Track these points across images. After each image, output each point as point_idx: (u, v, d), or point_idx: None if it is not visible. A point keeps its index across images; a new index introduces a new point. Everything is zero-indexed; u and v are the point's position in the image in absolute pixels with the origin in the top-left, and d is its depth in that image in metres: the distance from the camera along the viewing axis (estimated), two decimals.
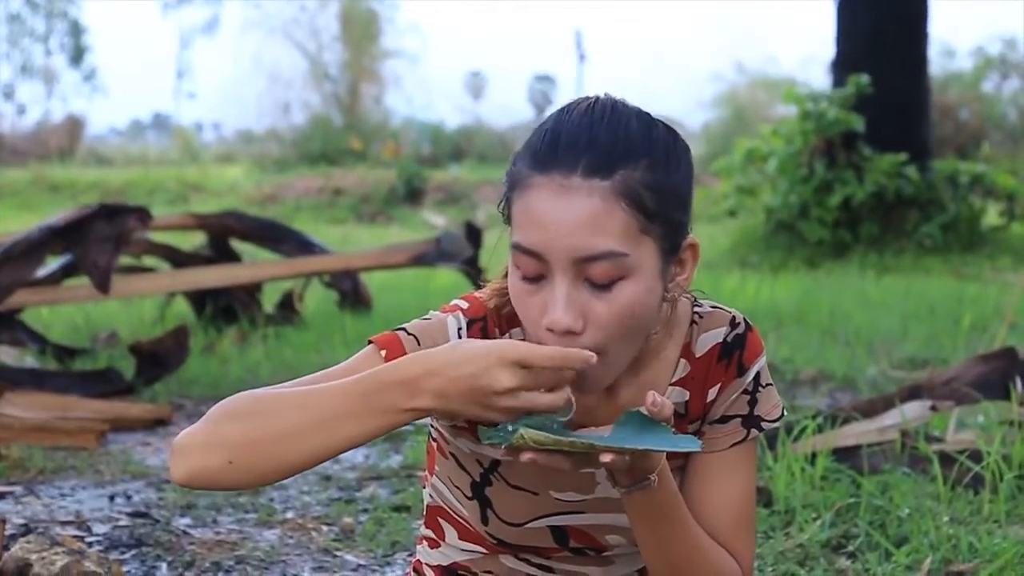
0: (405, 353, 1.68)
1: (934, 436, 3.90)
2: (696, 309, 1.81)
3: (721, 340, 1.79)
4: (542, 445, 1.51)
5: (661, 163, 1.63)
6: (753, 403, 1.80)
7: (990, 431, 3.99)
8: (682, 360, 1.79)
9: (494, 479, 1.80)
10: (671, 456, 1.74)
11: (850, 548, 3.12)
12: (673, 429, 1.58)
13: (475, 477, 1.82)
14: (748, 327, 1.81)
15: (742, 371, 1.79)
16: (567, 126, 1.63)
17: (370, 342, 1.74)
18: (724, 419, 1.79)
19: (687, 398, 1.79)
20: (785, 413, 1.85)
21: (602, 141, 1.60)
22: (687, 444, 1.56)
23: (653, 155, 1.62)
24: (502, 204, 1.69)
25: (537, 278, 1.62)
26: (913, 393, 3.98)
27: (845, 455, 3.71)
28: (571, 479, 1.77)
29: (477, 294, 1.82)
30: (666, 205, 1.62)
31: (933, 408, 3.81)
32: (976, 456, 3.54)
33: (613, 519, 1.80)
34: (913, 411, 3.81)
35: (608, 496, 1.75)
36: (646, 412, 1.57)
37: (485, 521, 1.83)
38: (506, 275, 1.76)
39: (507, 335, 1.76)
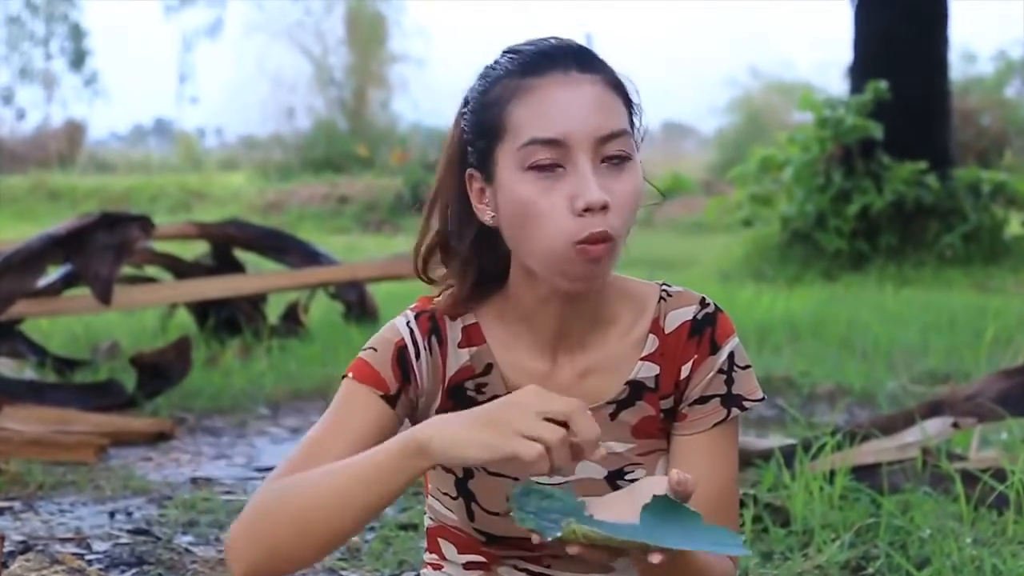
0: (372, 371, 1.79)
1: (956, 454, 3.85)
2: (664, 288, 1.87)
3: (691, 318, 1.84)
4: (592, 540, 1.52)
5: (622, 75, 1.78)
6: (730, 382, 1.84)
7: (1014, 449, 3.93)
8: (651, 335, 1.84)
9: (475, 469, 1.84)
10: (656, 437, 1.85)
11: (870, 570, 3.08)
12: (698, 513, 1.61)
13: (459, 473, 1.86)
14: (718, 309, 1.87)
15: (715, 349, 1.84)
16: (539, 43, 1.77)
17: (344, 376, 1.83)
18: (703, 399, 1.84)
19: (657, 372, 1.84)
20: (764, 398, 1.91)
21: (578, 49, 1.76)
22: (734, 549, 1.58)
23: (615, 69, 1.78)
24: (474, 143, 1.76)
25: (554, 173, 1.69)
26: (934, 409, 3.95)
27: (864, 473, 3.67)
28: None
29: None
30: (637, 106, 1.78)
31: (955, 425, 3.78)
32: (1000, 475, 3.49)
33: None
34: (934, 428, 3.78)
35: (590, 477, 1.81)
36: (671, 495, 1.58)
37: (471, 516, 1.86)
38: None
39: (457, 320, 1.84)
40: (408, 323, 1.83)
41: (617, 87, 1.74)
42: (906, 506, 3.47)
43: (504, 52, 1.79)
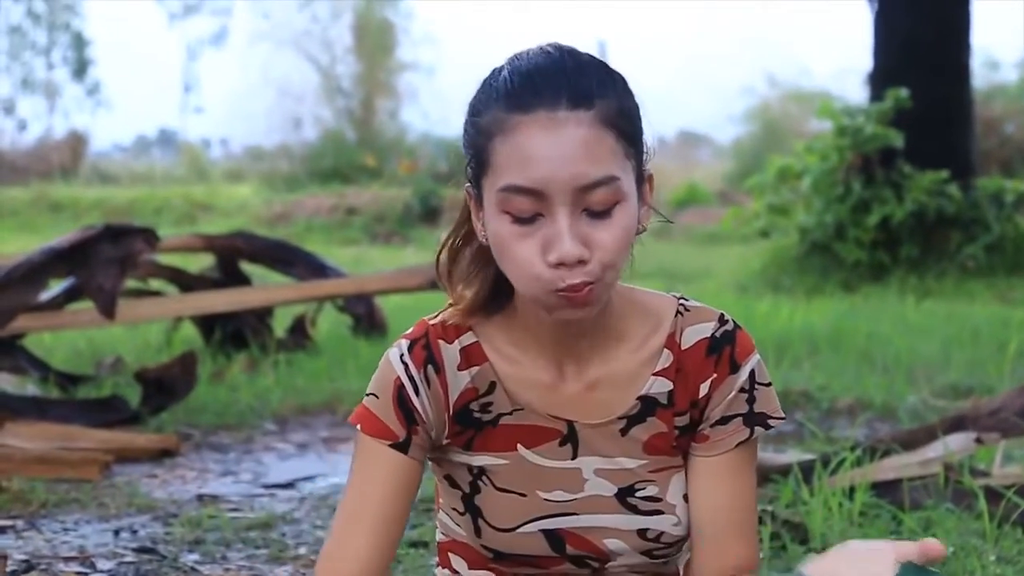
0: (378, 421, 1.78)
1: (979, 470, 3.79)
2: (682, 302, 1.85)
3: (709, 335, 1.82)
4: None
5: (623, 91, 1.71)
6: (752, 400, 1.83)
7: None
8: (665, 350, 1.82)
9: (482, 484, 1.84)
10: (669, 454, 1.82)
11: None
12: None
13: (465, 489, 1.85)
14: (737, 326, 1.84)
15: (735, 368, 1.82)
16: (533, 66, 1.69)
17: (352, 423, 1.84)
18: (724, 420, 1.82)
19: (670, 388, 1.82)
20: (785, 416, 1.89)
21: (573, 75, 1.67)
22: None
23: (616, 85, 1.70)
24: (469, 161, 1.72)
25: (532, 219, 1.65)
26: (956, 424, 3.91)
27: (885, 489, 3.63)
28: (557, 478, 1.82)
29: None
30: (636, 131, 1.71)
31: (978, 440, 3.74)
32: None
33: (609, 520, 1.82)
34: (957, 443, 3.73)
35: (599, 494, 1.80)
36: (917, 562, 1.57)
37: (478, 533, 1.85)
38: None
39: (455, 342, 1.81)
40: (402, 356, 1.80)
41: (611, 122, 1.66)
42: (928, 523, 3.43)
43: (507, 61, 1.74)
